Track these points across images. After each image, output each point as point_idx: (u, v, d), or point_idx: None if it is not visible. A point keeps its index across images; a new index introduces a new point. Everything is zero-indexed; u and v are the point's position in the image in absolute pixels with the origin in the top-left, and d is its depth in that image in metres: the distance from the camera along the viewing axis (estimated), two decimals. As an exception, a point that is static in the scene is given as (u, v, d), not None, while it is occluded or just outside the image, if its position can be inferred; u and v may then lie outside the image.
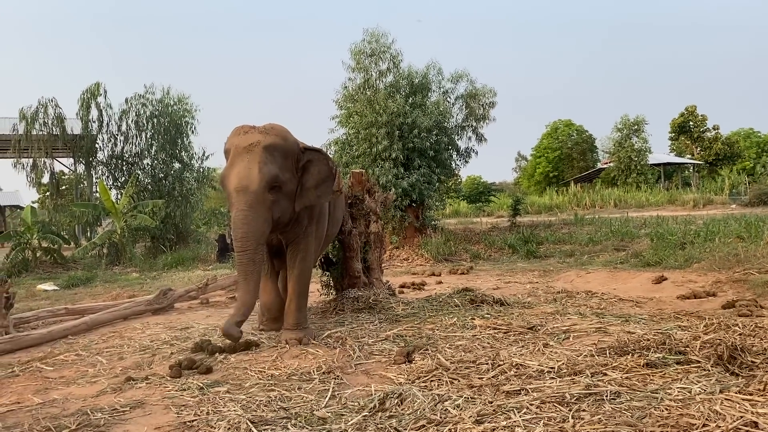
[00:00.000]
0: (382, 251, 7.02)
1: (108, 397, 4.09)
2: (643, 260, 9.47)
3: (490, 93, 15.03)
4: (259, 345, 5.24)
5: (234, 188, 4.85)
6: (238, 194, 4.84)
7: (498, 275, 9.55)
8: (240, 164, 4.89)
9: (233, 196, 4.87)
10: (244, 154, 4.92)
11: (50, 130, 17.72)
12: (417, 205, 14.25)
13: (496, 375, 3.83)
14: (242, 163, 4.89)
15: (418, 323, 5.59)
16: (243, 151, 4.93)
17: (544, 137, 44.71)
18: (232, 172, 4.90)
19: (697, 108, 43.19)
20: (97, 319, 7.02)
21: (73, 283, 11.80)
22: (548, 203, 26.72)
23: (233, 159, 4.96)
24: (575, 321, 5.31)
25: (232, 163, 4.94)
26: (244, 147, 4.94)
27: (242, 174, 4.84)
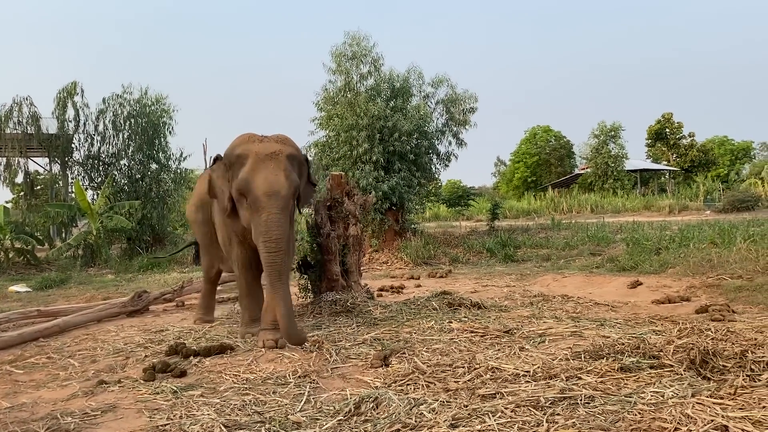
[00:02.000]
0: (360, 254, 7.01)
1: (79, 400, 4.02)
2: (618, 265, 9.56)
3: (471, 98, 15.10)
4: (234, 348, 5.19)
5: (264, 192, 4.98)
6: (269, 198, 4.99)
7: (476, 279, 9.57)
8: (266, 170, 5.05)
9: (262, 200, 4.98)
10: (268, 161, 5.09)
11: (25, 129, 17.43)
12: (397, 209, 14.25)
13: (472, 378, 3.83)
14: (268, 170, 5.06)
15: (395, 327, 5.59)
16: (266, 158, 5.10)
17: (522, 143, 45.02)
18: (259, 177, 5.02)
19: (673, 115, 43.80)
20: (70, 322, 6.90)
21: (46, 284, 11.62)
22: (526, 208, 26.87)
23: (256, 165, 5.07)
24: (551, 325, 5.34)
25: (255, 168, 5.06)
26: (267, 154, 5.12)
27: (271, 179, 5.02)
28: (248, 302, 5.91)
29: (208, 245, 6.59)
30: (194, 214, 6.59)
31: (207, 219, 6.30)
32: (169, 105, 18.48)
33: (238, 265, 5.82)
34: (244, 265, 5.81)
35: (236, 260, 5.80)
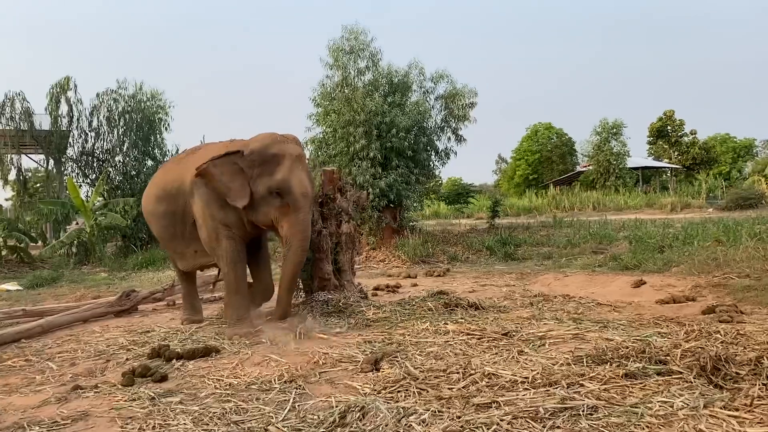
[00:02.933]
0: (354, 253, 6.76)
1: (51, 407, 3.80)
2: (621, 263, 9.30)
3: (471, 93, 14.78)
4: (219, 351, 4.97)
5: (301, 193, 5.37)
6: (305, 199, 5.42)
7: (474, 278, 9.32)
8: (299, 172, 5.42)
9: (300, 200, 5.36)
10: (297, 163, 5.46)
11: (17, 125, 17.17)
12: (395, 206, 13.98)
13: (467, 385, 3.59)
14: (300, 172, 5.44)
15: (388, 328, 5.36)
16: (297, 160, 5.46)
17: (524, 140, 44.77)
18: (296, 178, 5.38)
19: (675, 113, 43.57)
20: (54, 322, 6.68)
21: (37, 282, 11.42)
22: (527, 205, 26.59)
23: (291, 166, 5.39)
24: (552, 327, 5.10)
25: (292, 170, 5.38)
26: (296, 156, 5.49)
27: (305, 181, 5.46)
28: (236, 300, 5.70)
29: (168, 239, 6.37)
30: (154, 204, 6.28)
31: (170, 211, 6.07)
32: (165, 101, 18.27)
33: (226, 260, 5.64)
34: (233, 260, 5.64)
35: (224, 255, 5.64)
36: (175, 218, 6.03)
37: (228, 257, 5.62)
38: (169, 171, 6.34)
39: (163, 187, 6.14)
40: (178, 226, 6.05)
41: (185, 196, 5.88)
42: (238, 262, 5.69)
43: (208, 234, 5.69)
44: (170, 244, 6.36)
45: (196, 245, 5.96)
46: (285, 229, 5.40)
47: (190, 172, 5.77)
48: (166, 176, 6.28)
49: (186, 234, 6.03)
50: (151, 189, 6.46)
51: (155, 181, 6.49)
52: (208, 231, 5.68)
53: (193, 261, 6.29)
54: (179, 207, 5.97)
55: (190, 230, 5.95)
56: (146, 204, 6.52)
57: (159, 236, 6.53)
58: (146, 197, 6.54)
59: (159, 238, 6.61)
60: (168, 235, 6.26)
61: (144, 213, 6.73)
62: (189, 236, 6.01)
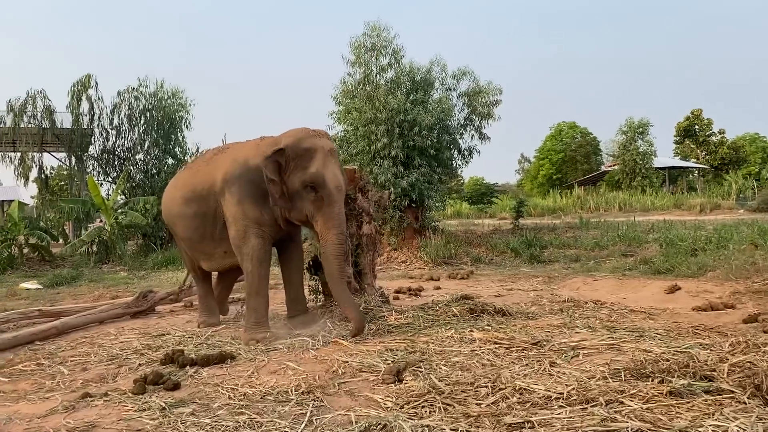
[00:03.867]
0: (375, 255, 6.52)
1: (57, 417, 3.63)
2: (653, 267, 8.95)
3: (495, 90, 14.47)
4: (235, 357, 4.77)
5: (336, 187, 5.30)
6: (339, 192, 5.36)
7: (500, 281, 9.03)
8: (332, 166, 5.35)
9: (335, 194, 5.29)
10: (330, 157, 5.38)
11: (39, 123, 17.20)
12: (416, 206, 13.73)
13: (497, 401, 3.34)
14: (334, 166, 5.37)
15: (411, 335, 5.10)
16: (329, 153, 5.38)
17: (548, 139, 44.34)
18: (330, 172, 5.29)
19: (702, 112, 42.84)
20: (69, 323, 6.56)
21: (57, 281, 11.38)
22: (552, 206, 26.17)
23: (325, 160, 5.31)
24: (584, 336, 4.81)
25: (325, 163, 5.29)
26: (329, 150, 5.40)
27: (339, 175, 5.40)
28: (257, 303, 5.52)
29: (196, 241, 6.18)
30: (181, 207, 6.10)
31: (201, 212, 5.91)
32: (186, 99, 18.23)
33: (253, 259, 5.49)
34: (259, 259, 5.50)
35: (250, 253, 5.48)
36: (206, 219, 5.89)
37: (255, 256, 5.47)
38: (198, 172, 6.15)
39: (192, 189, 5.98)
40: (209, 228, 5.91)
41: (216, 196, 5.74)
42: (264, 262, 5.55)
43: (237, 231, 5.54)
44: (199, 245, 6.19)
45: (226, 246, 5.80)
46: (320, 224, 5.30)
47: (221, 172, 5.66)
48: (195, 177, 6.09)
49: (216, 235, 5.89)
50: (177, 191, 6.27)
51: (181, 183, 6.31)
52: (238, 228, 5.54)
53: (221, 261, 6.15)
54: (210, 208, 5.82)
55: (221, 231, 5.80)
56: (171, 206, 6.32)
57: (187, 238, 6.29)
58: (171, 200, 6.35)
59: (187, 240, 6.35)
60: (198, 236, 6.09)
61: (167, 216, 6.53)
62: (219, 237, 5.86)
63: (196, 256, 6.40)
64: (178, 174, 6.78)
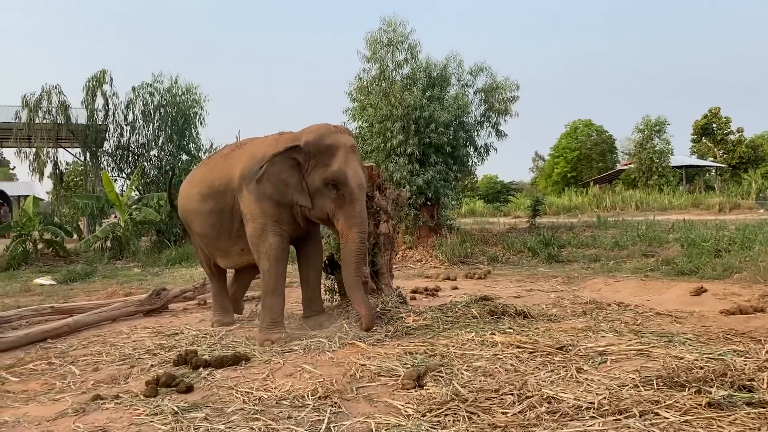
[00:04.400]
0: (392, 254, 6.35)
1: (67, 420, 3.51)
2: (675, 268, 8.72)
3: (512, 86, 14.28)
4: (249, 359, 4.64)
5: (357, 185, 5.18)
6: (361, 190, 5.24)
7: (518, 281, 8.85)
8: (354, 163, 5.23)
9: (356, 192, 5.17)
10: (352, 154, 5.26)
11: (54, 119, 17.18)
12: (432, 204, 13.56)
13: (524, 410, 3.18)
14: (355, 162, 5.24)
15: (430, 337, 4.95)
16: (350, 150, 5.26)
17: (563, 137, 44.00)
18: (352, 169, 5.17)
19: (720, 110, 42.31)
20: (81, 321, 6.46)
21: (71, 277, 11.33)
22: (567, 204, 25.87)
23: (347, 157, 5.19)
24: (611, 340, 4.63)
25: (347, 160, 5.17)
26: (350, 147, 5.28)
27: (360, 173, 5.28)
28: (272, 302, 5.38)
29: (213, 238, 6.04)
30: (198, 203, 5.97)
31: (218, 209, 5.78)
32: (200, 95, 18.14)
33: (270, 257, 5.35)
34: (277, 257, 5.36)
35: (268, 251, 5.35)
36: (223, 216, 5.75)
37: (272, 254, 5.34)
38: (215, 168, 6.01)
39: (210, 185, 5.84)
40: (226, 224, 5.77)
41: (233, 192, 5.61)
42: (281, 260, 5.42)
43: (254, 229, 5.41)
44: (216, 242, 6.05)
45: (243, 243, 5.67)
46: (341, 222, 5.18)
47: (238, 168, 5.53)
48: (212, 173, 5.95)
49: (233, 232, 5.75)
50: (193, 187, 6.14)
51: (198, 179, 6.16)
52: (255, 226, 5.40)
53: (238, 259, 6.02)
54: (227, 204, 5.69)
55: (238, 228, 5.67)
56: (188, 203, 6.19)
57: (204, 235, 6.15)
58: (187, 196, 6.22)
59: (203, 237, 6.22)
60: (215, 233, 5.95)
61: (184, 212, 6.40)
62: (236, 234, 5.72)
63: (213, 254, 6.28)
64: (195, 170, 6.64)
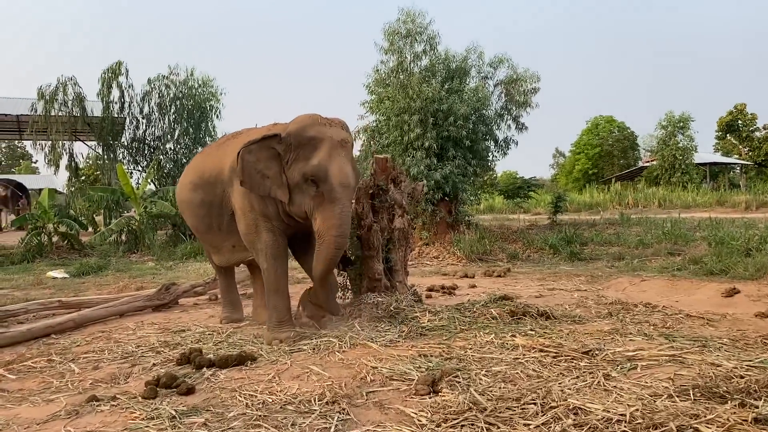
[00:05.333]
0: (407, 250, 6.10)
1: (58, 423, 3.33)
2: (704, 268, 8.34)
3: (533, 78, 13.90)
4: (255, 359, 4.41)
5: (340, 183, 4.72)
6: (344, 189, 4.77)
7: (539, 279, 8.53)
8: (339, 159, 4.78)
9: (338, 191, 4.71)
10: (339, 149, 4.82)
11: (70, 111, 17.09)
12: (450, 199, 13.24)
13: (548, 422, 2.91)
14: (341, 158, 4.79)
15: (446, 339, 4.68)
16: (338, 145, 4.83)
17: (584, 133, 43.34)
18: (336, 166, 4.74)
19: (746, 106, 41.48)
20: (88, 316, 6.30)
21: (84, 270, 11.22)
22: (588, 201, 25.37)
23: (331, 152, 4.76)
24: (640, 344, 4.33)
25: (331, 156, 4.75)
26: (338, 141, 4.84)
27: (346, 170, 4.79)
28: (277, 300, 5.11)
29: (203, 232, 5.82)
30: (189, 193, 5.73)
31: (207, 201, 5.52)
32: (217, 88, 17.97)
33: (266, 255, 5.05)
34: (274, 255, 5.05)
35: (264, 249, 5.05)
36: (212, 209, 5.48)
37: (268, 252, 5.03)
38: (207, 156, 5.80)
39: (201, 175, 5.59)
40: (215, 218, 5.50)
41: (224, 185, 5.32)
42: (279, 257, 5.08)
43: (246, 226, 5.12)
44: (206, 236, 5.83)
45: (235, 239, 5.39)
46: (318, 223, 4.74)
47: (229, 158, 5.21)
48: (204, 163, 5.72)
49: (223, 226, 5.47)
50: (186, 176, 5.93)
51: (192, 168, 5.94)
52: (247, 223, 5.10)
53: (230, 256, 5.74)
54: (217, 197, 5.41)
55: (228, 222, 5.38)
56: (181, 192, 5.99)
57: (194, 228, 5.98)
58: (181, 185, 6.02)
59: (194, 230, 6.07)
60: (204, 226, 5.72)
61: (178, 202, 6.24)
62: (227, 229, 5.44)
63: (206, 248, 6.08)
64: (192, 159, 6.42)
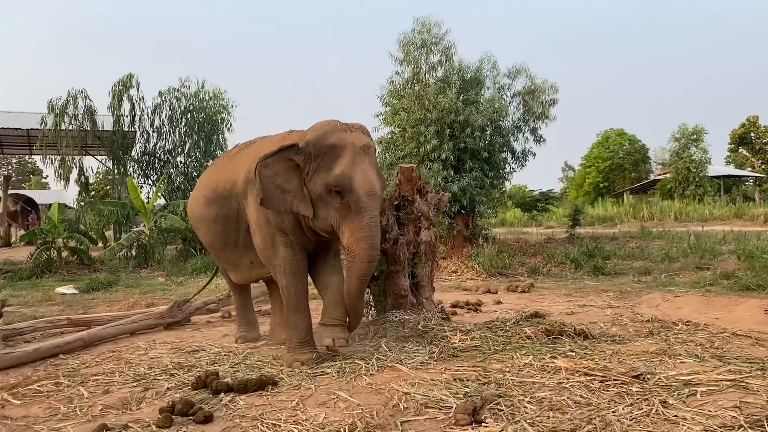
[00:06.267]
0: (434, 265, 5.79)
1: (65, 457, 3.01)
2: (739, 283, 8.00)
3: (551, 89, 13.65)
4: (276, 383, 4.09)
5: (367, 192, 4.37)
6: (371, 198, 4.40)
7: (566, 295, 8.18)
8: (363, 166, 4.44)
9: (365, 200, 4.35)
10: (363, 155, 4.48)
11: (80, 124, 16.93)
12: (467, 212, 12.94)
13: (613, 460, 2.58)
14: (365, 165, 4.45)
15: (481, 361, 4.35)
16: (361, 151, 4.48)
17: (594, 146, 43.09)
18: (360, 173, 4.39)
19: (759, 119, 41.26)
20: (97, 335, 6.00)
21: (93, 286, 10.95)
22: (602, 214, 25.05)
23: (354, 159, 4.42)
24: (693, 367, 4.00)
25: (354, 163, 4.41)
26: (361, 147, 4.50)
27: (372, 177, 4.45)
28: (297, 320, 4.77)
29: (219, 248, 5.50)
30: (203, 208, 5.43)
31: (222, 216, 5.21)
32: (228, 100, 17.79)
33: (285, 272, 4.70)
34: (292, 272, 4.70)
35: (282, 265, 4.71)
36: (228, 223, 5.17)
37: (286, 268, 4.69)
38: (220, 169, 5.47)
39: (214, 188, 5.29)
40: (231, 233, 5.19)
41: (238, 198, 5.01)
42: (298, 274, 4.73)
43: (263, 241, 4.80)
44: (222, 253, 5.51)
45: (252, 255, 5.06)
46: (346, 236, 4.39)
47: (243, 169, 4.93)
48: (217, 175, 5.40)
49: (240, 242, 5.15)
50: (199, 191, 5.62)
51: (204, 182, 5.64)
52: (263, 237, 4.78)
53: (248, 273, 5.42)
54: (232, 210, 5.10)
55: (245, 237, 5.06)
56: (194, 208, 5.68)
57: (209, 245, 5.66)
58: (194, 200, 5.72)
59: (209, 247, 5.74)
60: (220, 243, 5.40)
61: (191, 219, 5.93)
62: (243, 244, 5.13)
63: (222, 266, 5.77)
64: (204, 173, 6.13)
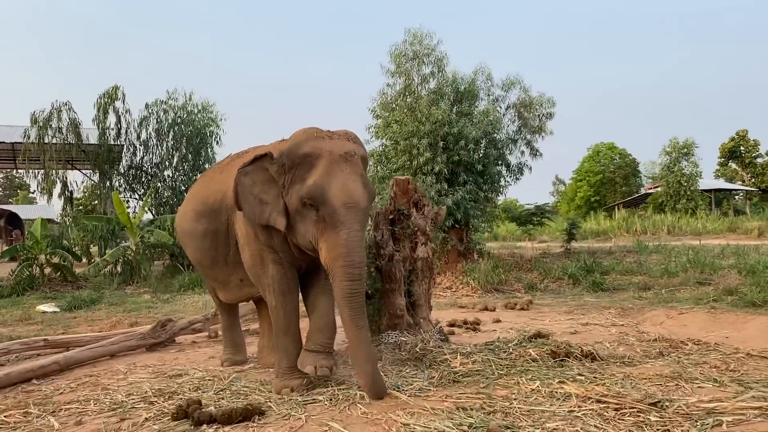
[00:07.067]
0: (431, 282, 5.50)
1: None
2: (744, 299, 7.76)
3: (548, 103, 13.45)
4: (264, 412, 3.77)
5: (343, 204, 3.94)
6: (349, 212, 3.95)
7: (567, 312, 7.90)
8: (342, 175, 4.02)
9: (341, 213, 3.92)
10: (342, 164, 4.06)
11: (64, 137, 16.54)
12: (461, 226, 12.67)
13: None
14: (344, 174, 4.03)
15: (485, 387, 4.04)
16: (340, 159, 4.07)
17: (585, 160, 43.19)
18: (337, 183, 3.97)
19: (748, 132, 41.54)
20: (74, 358, 5.67)
21: (75, 304, 10.59)
22: (595, 228, 24.85)
23: (330, 168, 4.01)
24: (714, 393, 3.72)
25: (330, 172, 4.00)
26: (341, 155, 4.08)
27: (351, 188, 4.00)
28: (287, 343, 4.43)
29: (208, 266, 5.16)
30: (191, 223, 5.11)
31: (212, 230, 4.88)
32: (217, 113, 17.48)
33: (274, 291, 4.38)
34: (282, 291, 4.37)
35: (271, 284, 4.39)
36: (217, 239, 4.84)
37: (276, 287, 4.37)
38: (210, 181, 5.14)
39: (204, 201, 4.96)
40: (221, 249, 4.86)
41: (228, 211, 4.68)
42: (288, 294, 4.40)
43: (251, 257, 4.47)
44: (211, 271, 5.17)
45: (242, 273, 4.73)
46: (323, 254, 4.00)
47: (233, 182, 4.64)
48: (207, 187, 5.08)
49: (229, 259, 4.83)
50: (188, 205, 5.29)
51: (193, 195, 5.32)
52: (252, 254, 4.46)
53: (237, 292, 5.10)
54: (222, 225, 4.77)
55: (234, 254, 4.73)
56: (182, 223, 5.35)
57: (197, 262, 5.31)
58: (182, 215, 5.39)
59: (197, 264, 5.39)
60: (209, 260, 5.06)
61: (178, 234, 5.61)
62: (233, 261, 4.80)
63: (211, 284, 5.45)
64: (193, 185, 5.81)
